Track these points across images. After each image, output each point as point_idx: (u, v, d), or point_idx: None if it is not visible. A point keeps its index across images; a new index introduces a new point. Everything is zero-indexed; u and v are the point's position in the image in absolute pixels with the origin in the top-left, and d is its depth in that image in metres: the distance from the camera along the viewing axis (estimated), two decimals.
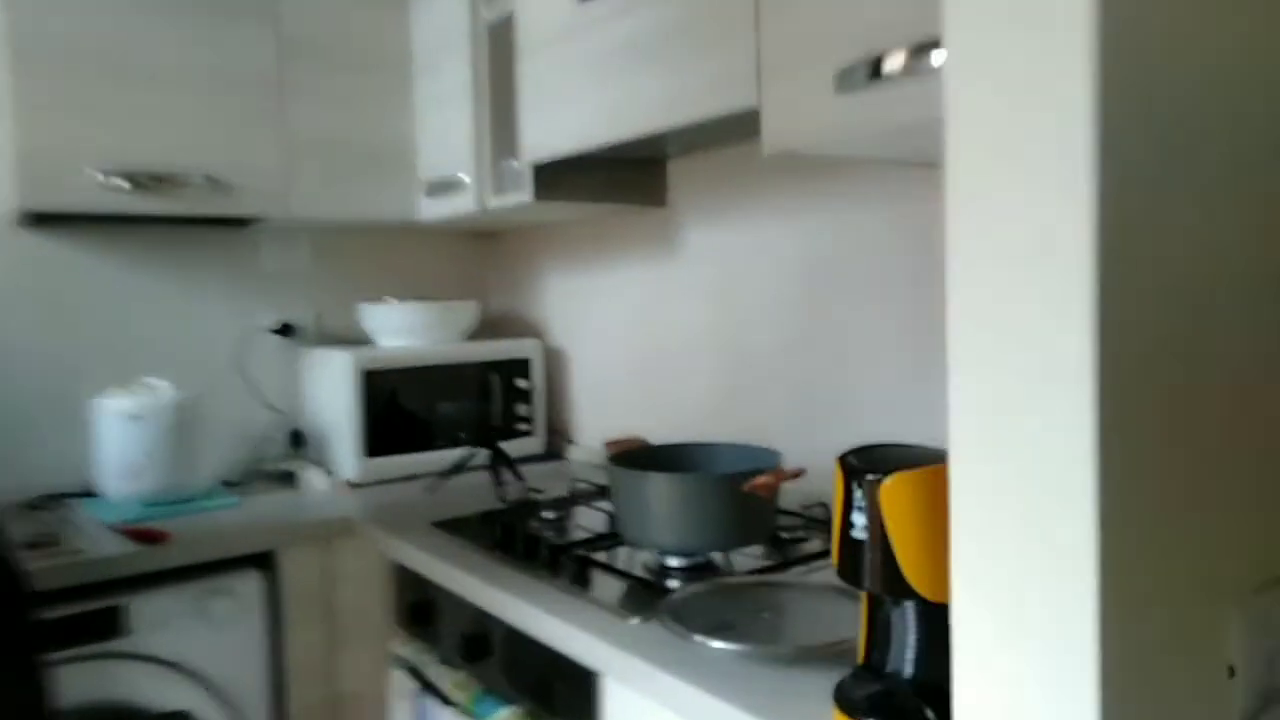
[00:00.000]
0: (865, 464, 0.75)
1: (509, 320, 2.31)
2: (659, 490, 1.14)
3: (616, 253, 1.92)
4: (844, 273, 1.44)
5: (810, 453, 1.51)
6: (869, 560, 0.74)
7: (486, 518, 1.51)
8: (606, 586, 1.18)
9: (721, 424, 1.67)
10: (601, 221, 1.96)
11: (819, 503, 1.42)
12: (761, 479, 1.10)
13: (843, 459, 0.77)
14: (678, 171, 1.75)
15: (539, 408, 2.05)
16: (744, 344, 1.62)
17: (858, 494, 0.74)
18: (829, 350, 1.46)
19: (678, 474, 1.15)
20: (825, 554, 1.27)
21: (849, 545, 0.75)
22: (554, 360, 2.14)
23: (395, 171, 1.88)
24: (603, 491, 1.66)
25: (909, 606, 0.75)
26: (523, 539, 1.35)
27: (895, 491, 0.72)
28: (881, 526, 0.72)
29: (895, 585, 0.73)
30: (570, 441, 2.09)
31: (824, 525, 1.39)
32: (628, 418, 1.92)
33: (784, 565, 1.22)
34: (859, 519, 0.74)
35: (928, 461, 0.73)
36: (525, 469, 1.93)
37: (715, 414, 1.69)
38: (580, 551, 1.28)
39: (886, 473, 0.72)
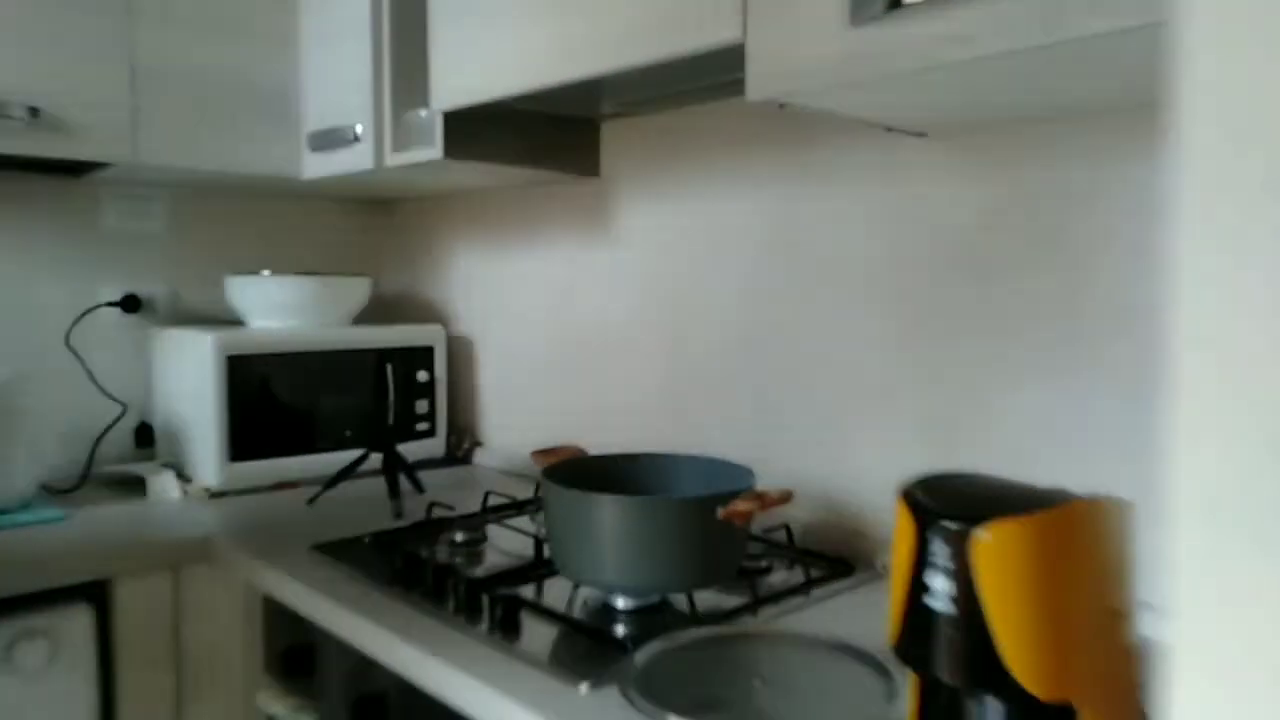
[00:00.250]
0: (941, 503, 0.54)
1: (407, 302, 2.02)
2: (611, 516, 0.91)
3: (538, 228, 1.67)
4: (817, 259, 1.24)
5: (780, 472, 1.30)
6: (950, 640, 0.53)
7: (381, 540, 1.24)
8: (540, 634, 0.94)
9: (663, 432, 1.45)
10: (520, 192, 1.70)
11: (781, 524, 1.22)
12: (740, 505, 0.89)
13: (909, 496, 0.56)
14: (614, 135, 1.52)
15: (441, 404, 1.78)
16: (692, 339, 1.40)
17: (938, 549, 0.53)
18: (799, 349, 1.26)
19: (635, 497, 0.92)
20: (798, 590, 1.07)
21: (919, 617, 0.55)
22: (459, 350, 1.87)
23: (273, 118, 1.58)
24: (522, 507, 1.41)
25: (995, 702, 0.55)
26: (430, 569, 1.09)
27: (1000, 548, 0.51)
28: (974, 596, 0.52)
29: (990, 676, 0.52)
30: (477, 444, 1.83)
31: (788, 552, 1.20)
32: (547, 419, 1.68)
33: (754, 605, 1.01)
34: (940, 583, 0.53)
35: (1034, 504, 0.53)
36: (426, 476, 1.66)
37: (656, 419, 1.47)
38: (504, 589, 1.04)
39: (976, 519, 0.52)
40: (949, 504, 0.54)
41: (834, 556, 1.17)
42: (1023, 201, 1.04)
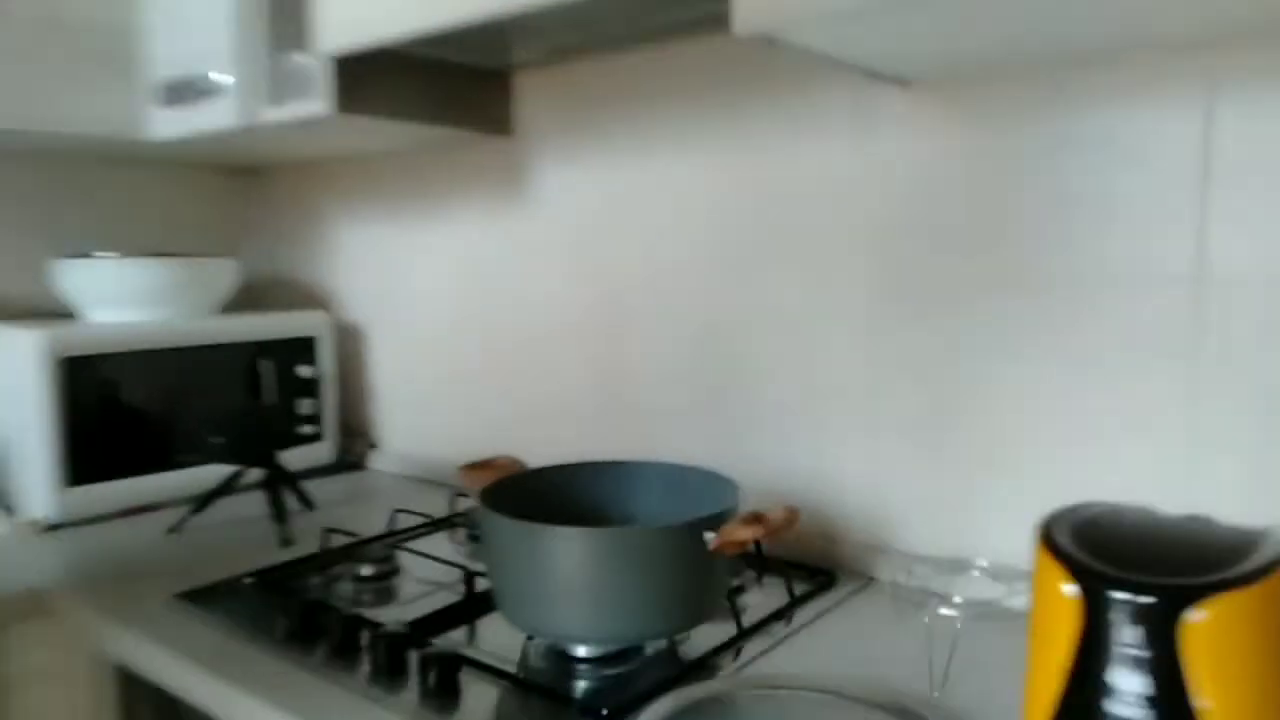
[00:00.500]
0: (1113, 562, 0.39)
1: (283, 286, 1.75)
2: (576, 554, 0.73)
3: (439, 197, 1.44)
4: (781, 228, 1.07)
5: (741, 475, 1.14)
6: None
7: (267, 580, 1.02)
8: (481, 699, 0.76)
9: (600, 431, 1.27)
10: (416, 156, 1.47)
11: None
12: (739, 531, 0.72)
13: (1058, 549, 0.40)
14: (529, 88, 1.31)
15: (329, 403, 1.54)
16: (632, 323, 1.22)
17: (1125, 634, 0.37)
18: (762, 333, 1.10)
19: (605, 530, 0.73)
20: (783, 613, 0.91)
21: None
22: (348, 340, 1.63)
23: (109, 65, 1.29)
24: (437, 525, 1.20)
25: None
26: (335, 622, 0.87)
27: (1222, 631, 0.36)
28: (1184, 700, 0.36)
29: None
30: (372, 446, 1.60)
31: (757, 563, 1.04)
32: (456, 417, 1.46)
33: (739, 639, 0.85)
34: (1128, 681, 0.37)
35: (1241, 560, 0.38)
36: (315, 487, 1.43)
37: (591, 417, 1.28)
38: (433, 642, 0.84)
39: (1179, 590, 0.36)
40: (1123, 563, 0.38)
41: (813, 567, 1.03)
42: (1019, 158, 0.91)
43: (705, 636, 0.85)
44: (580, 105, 1.24)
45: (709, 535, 0.74)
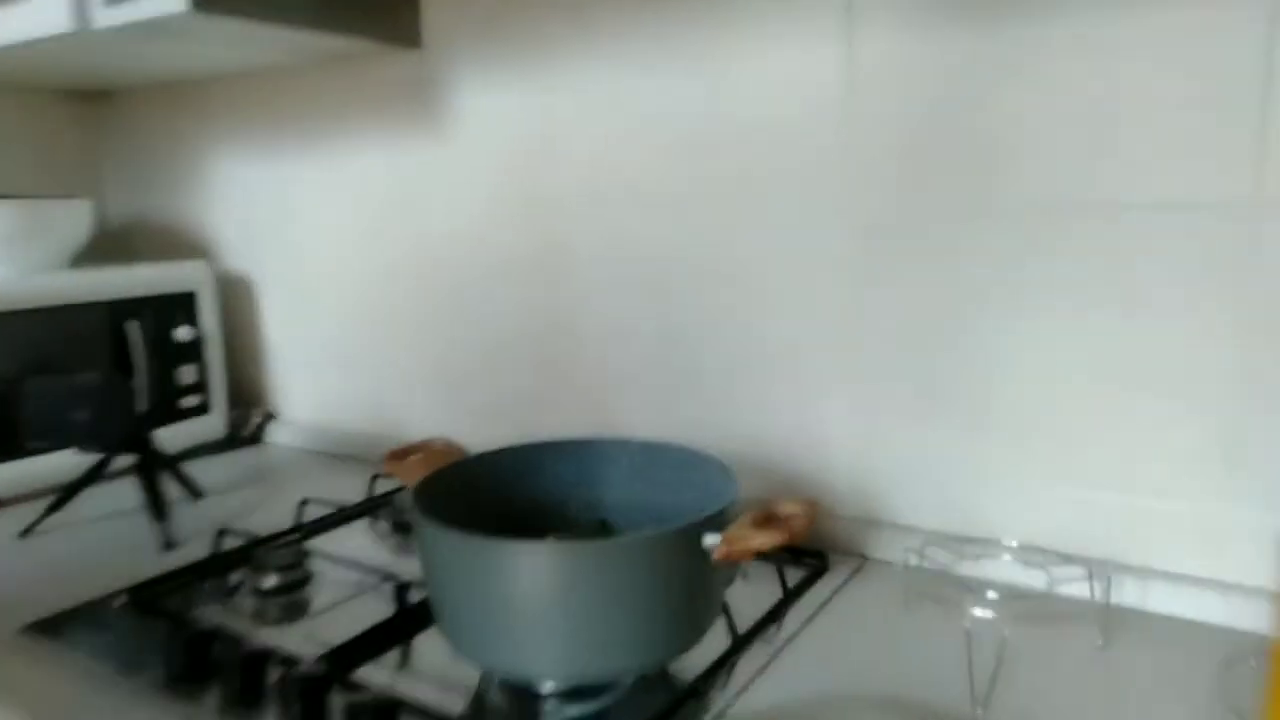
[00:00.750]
0: None
1: (150, 233, 1.50)
2: (544, 575, 0.57)
3: (337, 122, 1.22)
4: (749, 153, 0.91)
5: (711, 444, 1.00)
6: None
7: (143, 600, 0.82)
8: None
9: (538, 394, 1.10)
10: (306, 73, 1.24)
11: None
12: (754, 537, 0.57)
13: None
14: None
15: (215, 369, 1.32)
16: (575, 268, 1.04)
17: None
18: (730, 278, 0.94)
19: (582, 544, 0.57)
20: (778, 611, 0.78)
21: None
22: (234, 293, 1.40)
23: None
24: (352, 516, 1.02)
25: None
26: (234, 656, 0.69)
27: None
28: None
29: None
30: (270, 417, 1.39)
31: None
32: (367, 380, 1.27)
33: (736, 650, 0.71)
34: None
35: None
36: (204, 468, 1.22)
37: (526, 378, 1.10)
38: (363, 683, 0.67)
39: None
40: None
41: (798, 548, 0.89)
42: (1036, 65, 0.76)
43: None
44: (503, 9, 1.04)
45: (710, 540, 0.59)
